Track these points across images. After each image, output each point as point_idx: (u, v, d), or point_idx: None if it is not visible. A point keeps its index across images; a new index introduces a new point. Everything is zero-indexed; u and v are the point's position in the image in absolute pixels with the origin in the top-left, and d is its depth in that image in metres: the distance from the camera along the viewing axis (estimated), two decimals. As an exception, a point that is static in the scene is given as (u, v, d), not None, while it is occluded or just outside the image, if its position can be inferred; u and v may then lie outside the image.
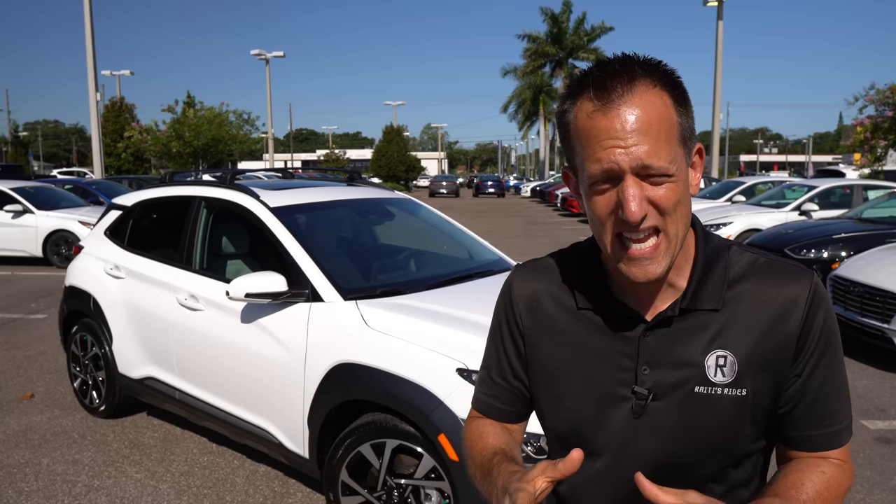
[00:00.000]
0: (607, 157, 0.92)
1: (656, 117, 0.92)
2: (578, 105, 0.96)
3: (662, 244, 0.96)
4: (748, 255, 1.07)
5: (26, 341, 6.60)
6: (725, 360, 1.01)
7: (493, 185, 42.98)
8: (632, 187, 0.92)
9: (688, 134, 0.98)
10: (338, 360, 2.93)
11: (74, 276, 4.65)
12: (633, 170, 0.92)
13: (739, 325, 1.02)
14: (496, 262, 4.06)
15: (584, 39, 46.52)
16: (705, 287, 1.03)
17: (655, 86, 0.94)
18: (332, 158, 54.05)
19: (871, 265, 5.96)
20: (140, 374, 4.16)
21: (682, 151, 0.97)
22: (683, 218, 0.98)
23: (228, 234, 4.35)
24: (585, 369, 1.08)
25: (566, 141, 1.01)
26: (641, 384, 1.04)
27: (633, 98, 0.92)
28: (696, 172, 1.02)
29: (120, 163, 32.05)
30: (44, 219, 11.49)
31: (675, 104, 0.96)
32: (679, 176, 0.95)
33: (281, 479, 3.70)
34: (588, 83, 0.95)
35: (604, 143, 0.92)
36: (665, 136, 0.93)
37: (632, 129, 0.91)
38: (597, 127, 0.93)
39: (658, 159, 0.92)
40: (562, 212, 25.94)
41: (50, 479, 3.71)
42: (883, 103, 18.01)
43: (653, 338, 1.04)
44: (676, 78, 0.97)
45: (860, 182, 12.15)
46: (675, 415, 1.03)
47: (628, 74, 0.93)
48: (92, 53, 21.35)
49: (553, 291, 1.14)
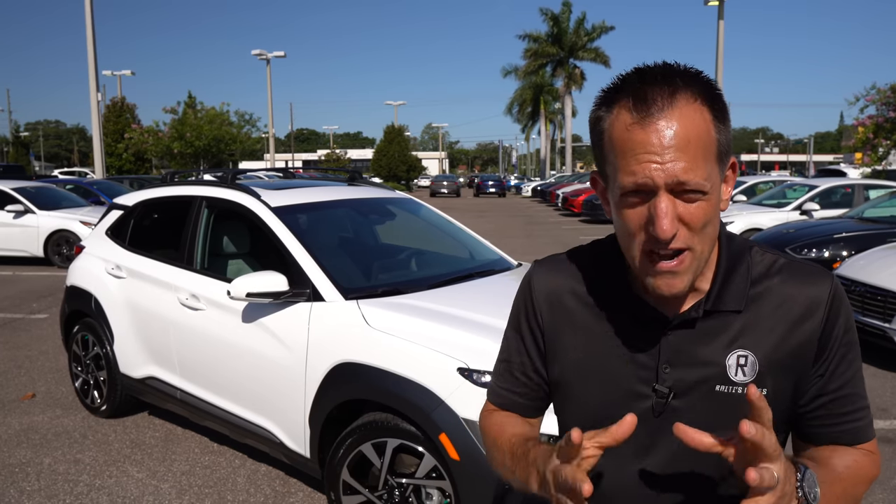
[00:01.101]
0: (643, 172, 0.91)
1: (695, 134, 0.91)
2: (615, 114, 0.94)
3: (687, 259, 0.95)
4: (769, 255, 1.08)
5: (27, 341, 6.61)
6: (746, 359, 1.01)
7: (494, 184, 42.97)
8: (664, 203, 0.91)
9: (724, 150, 0.96)
10: (339, 359, 2.93)
11: (76, 276, 4.65)
12: (667, 186, 0.91)
13: (761, 325, 1.03)
14: (497, 261, 4.07)
15: (585, 39, 46.46)
16: (729, 288, 1.04)
17: (696, 100, 0.92)
18: (333, 158, 54.10)
19: (872, 264, 5.96)
20: (141, 374, 4.17)
21: (718, 168, 0.95)
22: (711, 236, 0.98)
23: (229, 233, 4.35)
24: (606, 367, 1.08)
25: (598, 147, 0.99)
26: (662, 382, 1.04)
27: (674, 112, 0.90)
28: (727, 187, 1.02)
29: (121, 163, 32.05)
30: (45, 219, 11.50)
31: (714, 119, 0.94)
32: (712, 194, 0.94)
33: (282, 479, 3.70)
34: (627, 92, 0.93)
35: (640, 156, 0.91)
36: (702, 153, 0.91)
37: (669, 144, 0.90)
38: (633, 140, 0.91)
39: (694, 176, 0.90)
40: (563, 212, 25.93)
41: (51, 479, 3.72)
42: (884, 103, 18.01)
43: (674, 337, 1.04)
44: (717, 91, 0.95)
45: (861, 181, 12.15)
46: (696, 413, 1.02)
47: (669, 86, 0.91)
48: (93, 54, 21.37)
49: (574, 288, 1.13)
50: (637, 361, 1.06)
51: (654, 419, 1.04)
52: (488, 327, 2.90)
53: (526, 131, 58.18)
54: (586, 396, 1.10)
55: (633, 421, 0.89)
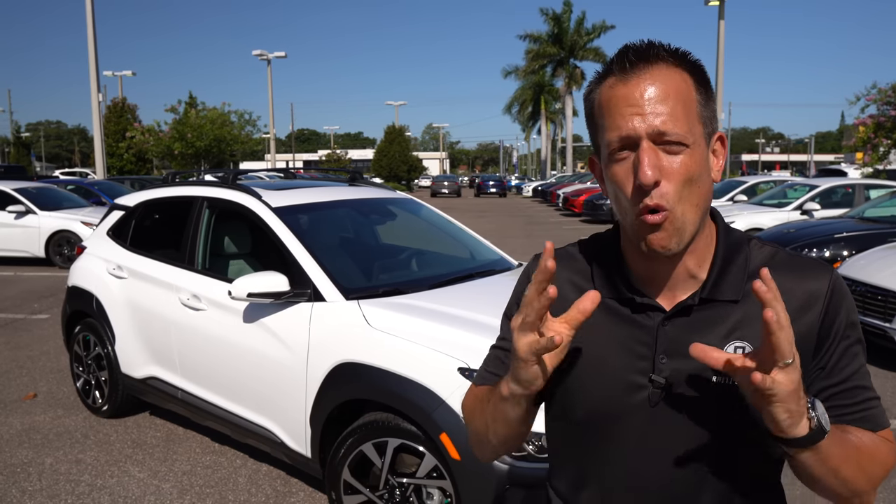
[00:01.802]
0: (625, 124, 0.96)
1: (674, 89, 0.96)
2: (603, 83, 1.01)
3: (669, 218, 0.97)
4: (768, 248, 1.09)
5: (29, 341, 6.62)
6: (743, 350, 1.01)
7: (495, 184, 42.95)
8: (647, 151, 0.95)
9: (707, 115, 1.00)
10: (340, 359, 2.94)
11: (77, 277, 4.66)
12: (649, 136, 0.95)
13: (758, 316, 0.98)
14: (498, 261, 4.07)
15: (585, 39, 46.44)
16: (725, 278, 1.04)
17: (677, 66, 0.99)
18: (334, 158, 54.06)
19: (872, 264, 5.96)
20: (142, 374, 4.17)
21: (701, 129, 0.99)
22: (697, 198, 0.98)
23: (230, 234, 4.36)
24: (603, 357, 1.08)
25: (591, 119, 1.04)
26: (659, 373, 1.04)
27: (653, 72, 0.97)
28: (717, 159, 1.04)
29: (122, 163, 32.07)
30: (46, 219, 11.51)
31: (696, 84, 0.99)
32: (696, 150, 0.97)
33: (283, 479, 3.70)
34: (613, 63, 1.00)
35: (623, 110, 0.96)
36: (682, 108, 0.96)
37: (649, 97, 0.95)
38: (617, 96, 0.97)
39: (673, 127, 0.95)
40: (563, 211, 25.93)
41: (53, 479, 3.72)
42: (885, 102, 17.99)
43: (671, 327, 1.05)
44: (699, 64, 1.01)
45: (862, 181, 12.14)
46: (692, 403, 1.03)
47: (651, 53, 0.98)
48: (94, 54, 21.37)
49: (573, 279, 1.14)
50: (634, 352, 1.06)
51: (650, 409, 1.05)
52: (489, 327, 2.90)
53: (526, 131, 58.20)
54: (584, 387, 1.09)
55: (595, 297, 0.94)
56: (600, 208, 20.38)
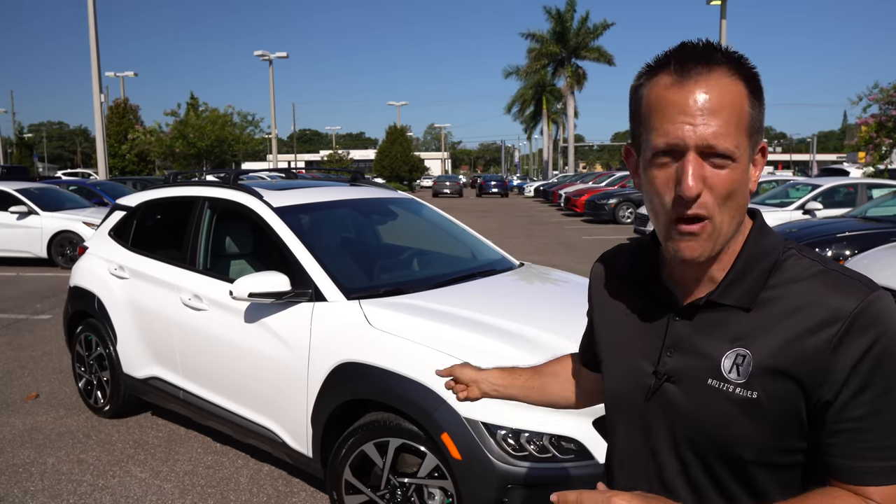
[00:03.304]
0: (675, 132, 0.94)
1: (729, 101, 0.94)
2: (655, 80, 0.98)
3: (708, 227, 0.96)
4: (806, 260, 1.01)
5: (31, 342, 6.63)
6: (744, 359, 0.98)
7: (497, 184, 42.94)
8: (692, 163, 0.94)
9: (756, 127, 0.98)
10: (341, 359, 2.94)
11: (79, 277, 4.66)
12: (697, 147, 0.94)
13: (769, 327, 0.98)
14: (499, 261, 4.07)
15: (588, 38, 46.36)
16: (741, 283, 1.02)
17: (734, 74, 0.96)
18: (336, 159, 54.13)
19: (874, 264, 5.94)
20: (144, 374, 4.18)
21: (748, 143, 0.97)
22: (735, 210, 0.98)
23: (232, 234, 4.36)
24: (624, 347, 1.15)
25: (636, 114, 1.02)
26: (662, 366, 1.07)
27: (710, 79, 0.94)
28: (756, 170, 1.03)
29: (124, 164, 32.13)
30: (48, 220, 11.52)
31: (750, 95, 0.97)
32: (740, 164, 0.96)
33: (285, 479, 3.70)
34: (669, 61, 0.97)
35: (674, 117, 0.94)
36: (735, 122, 0.94)
37: (703, 107, 0.93)
38: (670, 100, 0.95)
39: (724, 142, 0.93)
40: (565, 211, 25.91)
41: (55, 479, 3.73)
42: (887, 102, 17.96)
43: (681, 323, 1.06)
44: (755, 72, 0.99)
45: (864, 181, 12.11)
46: (685, 401, 1.04)
47: (709, 57, 0.96)
48: (96, 55, 21.39)
49: (613, 274, 1.24)
50: (648, 344, 1.10)
51: (648, 399, 1.09)
52: (490, 327, 2.90)
53: (528, 131, 58.17)
54: (610, 371, 1.19)
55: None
56: (602, 208, 20.37)
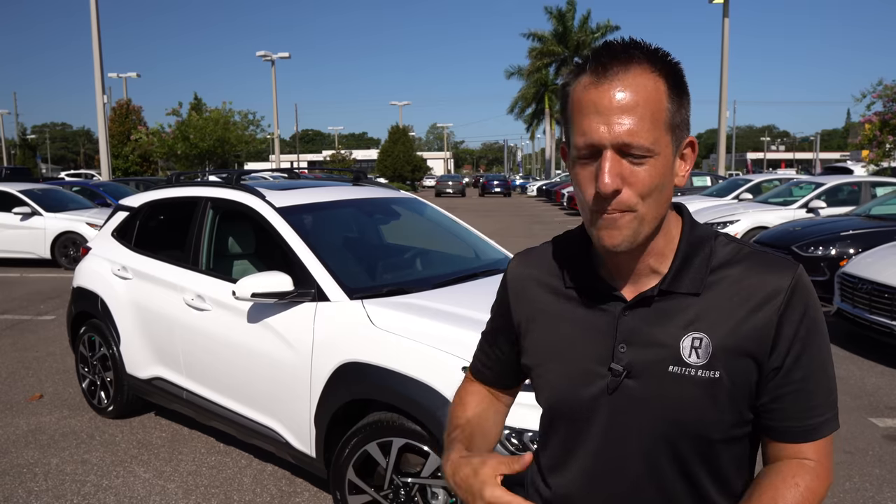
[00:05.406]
0: (591, 132, 0.96)
1: (644, 98, 0.96)
2: (578, 80, 1.00)
3: (628, 217, 0.99)
4: (734, 244, 1.10)
5: (35, 342, 6.64)
6: (701, 342, 1.03)
7: (500, 184, 42.93)
8: (608, 161, 0.96)
9: (677, 122, 1.00)
10: (344, 359, 2.93)
11: (82, 278, 4.67)
12: (613, 146, 0.96)
13: (718, 309, 1.04)
14: (502, 260, 4.06)
15: (590, 38, 46.32)
16: (687, 271, 1.06)
17: (652, 71, 0.97)
18: (338, 159, 54.17)
19: (879, 262, 5.93)
20: (147, 375, 4.18)
21: (669, 138, 0.99)
22: (658, 203, 1.00)
23: (235, 234, 4.36)
24: (566, 347, 1.12)
25: (564, 113, 1.04)
26: (618, 361, 1.06)
27: (626, 78, 0.96)
28: (684, 164, 1.05)
29: (127, 164, 32.21)
30: (52, 221, 11.54)
31: (669, 91, 0.98)
32: (661, 160, 0.98)
33: (288, 479, 3.71)
34: (590, 58, 0.99)
35: (591, 116, 0.97)
36: (650, 118, 0.96)
37: (617, 106, 0.95)
38: (587, 100, 0.97)
39: (639, 139, 0.95)
40: (568, 210, 25.90)
41: (59, 479, 3.73)
42: (891, 100, 17.91)
43: (631, 317, 1.07)
44: (676, 67, 1.00)
45: (868, 179, 12.07)
46: (649, 393, 1.05)
47: (627, 56, 0.97)
48: (99, 57, 21.42)
49: (540, 276, 1.20)
50: (595, 341, 1.09)
51: (608, 396, 1.08)
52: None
53: (531, 131, 58.02)
54: (552, 377, 1.14)
55: (529, 459, 1.00)
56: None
